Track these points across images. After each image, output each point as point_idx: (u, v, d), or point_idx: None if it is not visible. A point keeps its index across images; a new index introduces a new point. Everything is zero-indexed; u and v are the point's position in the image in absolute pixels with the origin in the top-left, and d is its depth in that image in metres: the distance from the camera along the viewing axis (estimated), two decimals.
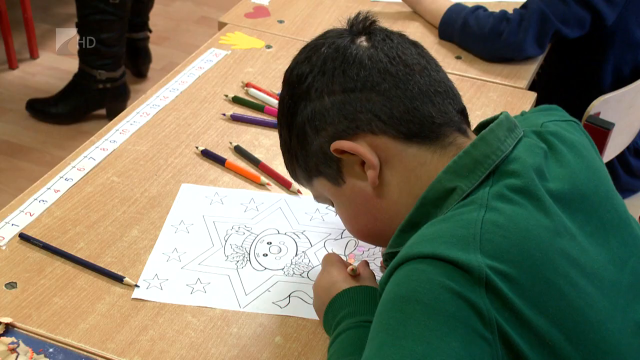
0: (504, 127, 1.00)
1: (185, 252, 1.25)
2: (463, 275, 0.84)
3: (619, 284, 0.95)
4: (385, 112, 1.00)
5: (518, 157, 0.97)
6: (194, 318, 1.15)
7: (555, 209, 0.94)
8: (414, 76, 1.01)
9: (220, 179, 1.40)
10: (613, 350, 0.89)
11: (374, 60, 1.01)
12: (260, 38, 1.79)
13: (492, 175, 0.95)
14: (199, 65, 1.68)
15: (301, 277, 1.22)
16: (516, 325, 0.84)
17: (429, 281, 0.85)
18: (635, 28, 1.83)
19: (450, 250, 0.86)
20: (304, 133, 1.04)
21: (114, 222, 1.30)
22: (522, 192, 0.93)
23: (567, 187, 0.97)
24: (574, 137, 1.05)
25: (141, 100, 1.57)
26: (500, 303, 0.84)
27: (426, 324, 0.83)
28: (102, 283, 1.19)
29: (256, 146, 1.47)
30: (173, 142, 1.47)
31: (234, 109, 1.57)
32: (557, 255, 0.90)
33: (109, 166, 1.41)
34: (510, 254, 0.87)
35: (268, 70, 1.69)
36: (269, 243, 1.27)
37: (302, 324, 1.14)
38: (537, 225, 0.90)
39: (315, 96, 1.02)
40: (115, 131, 1.49)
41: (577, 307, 0.88)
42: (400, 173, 1.01)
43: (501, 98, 1.63)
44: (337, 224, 1.30)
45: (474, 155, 0.97)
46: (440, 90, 1.02)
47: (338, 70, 1.01)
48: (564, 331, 0.86)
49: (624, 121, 1.83)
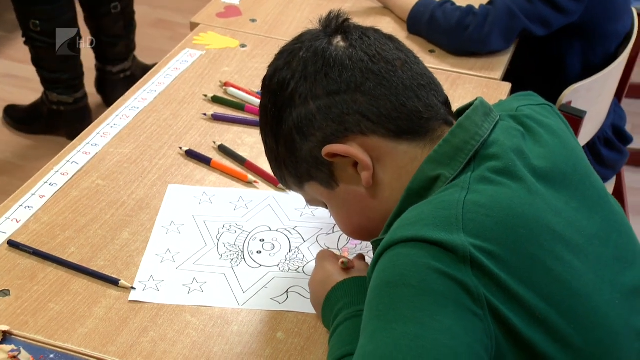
0: (480, 112, 1.02)
1: (178, 253, 1.25)
2: (448, 255, 0.86)
3: (604, 258, 0.97)
4: (373, 112, 1.00)
5: (496, 140, 0.99)
6: (194, 318, 1.15)
7: (538, 187, 0.96)
8: (396, 72, 1.02)
9: (206, 178, 1.40)
10: (602, 321, 0.92)
11: (355, 60, 1.02)
12: (234, 37, 1.79)
13: (473, 161, 0.97)
14: (175, 67, 1.68)
15: (297, 272, 1.23)
16: (505, 300, 0.86)
17: (415, 264, 0.86)
18: (603, 21, 1.88)
19: (433, 231, 0.88)
20: (292, 140, 1.04)
21: (103, 225, 1.29)
22: (503, 173, 0.95)
23: (549, 165, 1.00)
24: (549, 120, 1.08)
25: (119, 102, 1.57)
26: (487, 280, 0.86)
27: (416, 305, 0.84)
28: (97, 287, 1.19)
29: (240, 145, 1.48)
30: (156, 144, 1.47)
31: (214, 108, 1.57)
32: (541, 231, 0.92)
33: (93, 170, 1.40)
34: (494, 232, 0.89)
35: (245, 69, 1.69)
36: (262, 240, 1.28)
37: (302, 319, 1.15)
38: (521, 203, 0.92)
39: (300, 102, 1.02)
40: (96, 134, 1.48)
41: (564, 281, 0.91)
42: (392, 171, 1.02)
43: (477, 90, 1.66)
44: (328, 219, 1.31)
45: (453, 142, 0.98)
46: (423, 83, 1.03)
47: (320, 73, 1.02)
48: (553, 305, 0.88)
49: (594, 109, 1.87)
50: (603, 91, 1.90)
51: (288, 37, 1.78)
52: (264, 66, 1.69)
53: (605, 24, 1.88)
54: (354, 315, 1.03)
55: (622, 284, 0.97)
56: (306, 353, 1.10)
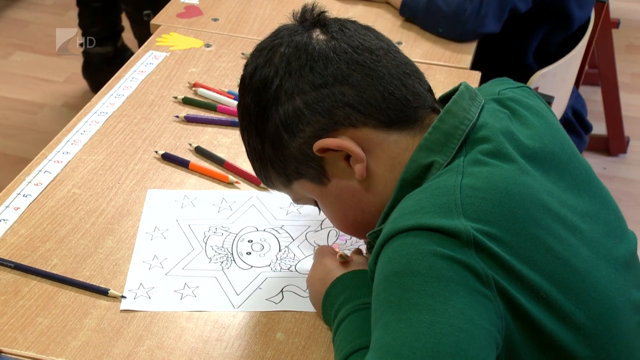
0: (466, 97, 1.03)
1: (166, 259, 1.23)
2: (451, 240, 0.87)
3: (597, 234, 1.00)
4: (362, 103, 1.00)
5: (485, 123, 1.01)
6: (189, 323, 1.13)
7: (529, 168, 0.98)
8: (380, 61, 1.03)
9: (186, 181, 1.38)
10: (602, 296, 0.94)
11: (339, 52, 1.02)
12: (197, 37, 1.78)
13: (464, 145, 0.99)
14: (140, 69, 1.65)
15: (289, 271, 1.22)
16: (510, 280, 0.88)
17: (420, 252, 0.87)
18: (572, 4, 1.91)
19: (434, 218, 0.89)
20: (279, 138, 1.03)
21: (84, 235, 1.26)
22: (495, 155, 0.97)
23: (537, 145, 1.01)
24: (531, 101, 1.10)
25: (87, 108, 1.54)
26: (491, 261, 0.87)
27: (427, 292, 0.85)
28: (86, 298, 1.16)
29: (216, 146, 1.46)
30: (130, 149, 1.44)
31: (186, 110, 1.55)
32: (538, 211, 0.94)
33: (67, 178, 1.37)
34: (493, 214, 0.90)
35: (212, 69, 1.67)
36: (250, 241, 1.27)
37: (300, 318, 1.14)
38: (515, 183, 0.94)
39: (286, 98, 1.02)
40: (66, 142, 1.45)
41: (564, 258, 0.93)
42: (385, 162, 1.02)
43: (448, 79, 1.67)
44: (315, 216, 1.31)
45: (443, 129, 0.99)
46: (408, 71, 1.04)
47: (305, 68, 1.01)
48: (555, 283, 0.91)
49: (559, 95, 1.91)
50: (567, 76, 1.93)
51: (253, 34, 1.80)
52: (231, 65, 1.71)
53: (574, 9, 1.91)
54: (357, 308, 1.03)
55: (614, 258, 1.00)
56: (308, 352, 1.09)
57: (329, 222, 1.27)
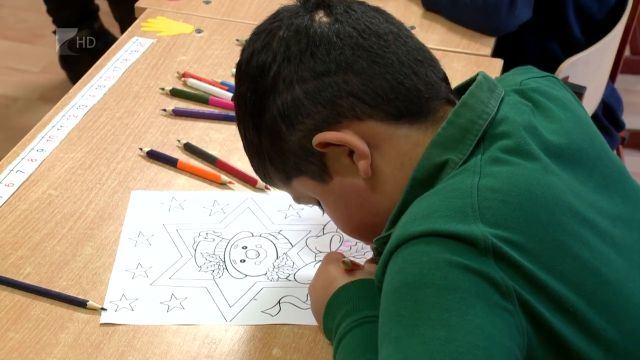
0: (485, 88, 1.03)
1: (151, 267, 1.24)
2: (467, 247, 0.87)
3: (630, 241, 0.99)
4: (368, 93, 1.01)
5: (505, 117, 1.00)
6: (177, 338, 1.14)
7: (554, 167, 0.98)
8: (389, 47, 1.03)
9: (174, 181, 1.40)
10: (636, 309, 0.94)
11: (343, 37, 1.02)
12: (187, 22, 1.79)
13: (482, 142, 0.99)
14: (124, 57, 1.67)
15: (287, 280, 1.23)
16: (533, 292, 0.88)
17: (434, 260, 0.87)
18: None
19: (448, 223, 0.89)
20: (277, 131, 1.04)
21: (61, 240, 1.28)
22: (516, 152, 0.97)
23: (563, 141, 1.01)
24: (557, 92, 1.09)
25: (64, 100, 1.55)
26: (512, 271, 0.87)
27: (442, 305, 0.85)
28: (62, 310, 1.17)
29: (208, 142, 1.48)
30: (112, 146, 1.46)
31: (174, 102, 1.56)
32: (564, 215, 0.94)
33: (42, 179, 1.38)
34: (514, 219, 0.90)
35: (204, 58, 1.69)
36: (245, 247, 1.28)
37: (299, 332, 1.15)
38: (539, 184, 0.94)
39: (284, 87, 1.02)
40: (41, 138, 1.46)
41: (593, 267, 0.93)
42: (393, 159, 1.03)
43: (466, 68, 1.68)
44: (317, 219, 1.32)
45: (459, 123, 0.99)
46: (420, 58, 1.04)
47: (305, 53, 1.02)
48: (583, 295, 0.90)
49: (592, 84, 1.91)
50: (602, 64, 1.94)
51: (249, 19, 1.82)
52: (225, 53, 1.72)
53: None
54: (360, 322, 1.04)
55: None
56: None
57: (331, 227, 1.29)
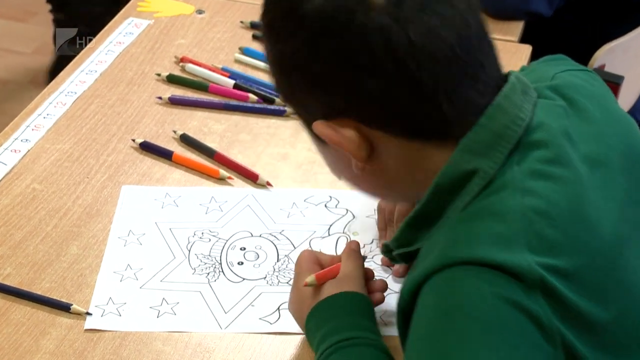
0: (518, 90, 0.99)
1: (141, 269, 1.27)
2: (514, 281, 0.88)
3: None
4: (381, 107, 0.96)
5: (541, 122, 0.98)
6: (167, 346, 1.17)
7: (593, 178, 0.97)
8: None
9: (168, 176, 1.43)
10: None
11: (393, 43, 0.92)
12: (187, 2, 1.82)
13: (515, 151, 0.96)
14: (118, 40, 1.70)
15: (288, 285, 1.24)
16: (578, 331, 0.89)
17: (479, 291, 0.89)
18: None
19: (493, 252, 0.89)
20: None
21: (45, 239, 1.31)
22: (555, 163, 0.96)
23: (601, 147, 1.00)
24: (594, 88, 1.08)
25: (52, 87, 1.58)
26: (560, 307, 0.89)
27: (484, 343, 0.87)
28: (44, 314, 1.20)
29: (206, 133, 1.50)
30: (102, 136, 1.49)
31: (171, 90, 1.59)
32: (607, 236, 0.94)
33: (26, 171, 1.42)
34: (562, 245, 0.91)
35: (205, 41, 1.71)
36: (243, 249, 1.31)
37: (302, 341, 1.17)
38: (581, 202, 0.94)
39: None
40: (25, 127, 1.49)
41: (636, 294, 0.95)
42: (403, 164, 1.01)
43: None
44: (322, 219, 1.34)
45: (491, 127, 0.96)
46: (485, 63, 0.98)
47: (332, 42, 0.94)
48: (624, 325, 0.93)
49: (631, 73, 1.92)
50: None
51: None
52: (227, 36, 1.75)
53: None
54: (336, 347, 1.07)
55: None
56: None
57: (338, 227, 1.32)
